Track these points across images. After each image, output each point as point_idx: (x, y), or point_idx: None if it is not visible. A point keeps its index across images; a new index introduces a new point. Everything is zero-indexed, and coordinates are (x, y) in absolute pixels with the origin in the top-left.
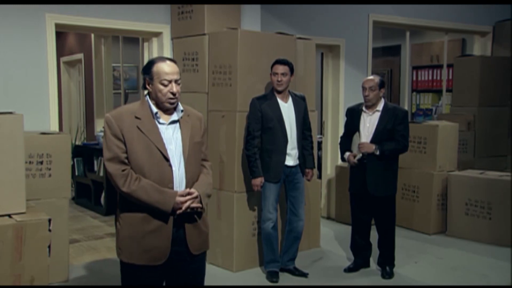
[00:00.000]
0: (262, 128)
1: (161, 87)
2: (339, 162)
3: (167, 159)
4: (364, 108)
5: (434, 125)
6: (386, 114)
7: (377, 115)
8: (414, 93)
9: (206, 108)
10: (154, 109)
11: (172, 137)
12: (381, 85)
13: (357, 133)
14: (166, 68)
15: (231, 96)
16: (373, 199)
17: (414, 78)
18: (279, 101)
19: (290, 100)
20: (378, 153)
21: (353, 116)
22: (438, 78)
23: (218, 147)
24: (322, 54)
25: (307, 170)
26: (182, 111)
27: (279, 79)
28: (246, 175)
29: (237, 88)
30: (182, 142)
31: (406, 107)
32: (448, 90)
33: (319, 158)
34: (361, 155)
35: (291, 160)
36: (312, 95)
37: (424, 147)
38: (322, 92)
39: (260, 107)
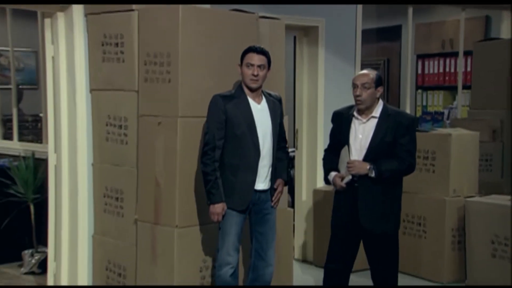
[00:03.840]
0: (226, 136)
1: None
2: (319, 184)
3: None
4: (355, 113)
5: (446, 134)
6: (385, 121)
7: (372, 123)
8: (420, 90)
9: (136, 112)
10: None
11: None
12: (378, 82)
13: (345, 147)
14: None
15: (170, 95)
16: (366, 237)
17: (420, 71)
18: (251, 101)
19: (263, 101)
20: (373, 175)
21: (341, 124)
22: (452, 70)
23: (153, 166)
24: (294, 38)
25: (277, 182)
26: None
27: (256, 73)
28: (197, 201)
29: (179, 84)
30: None
31: (408, 110)
32: (465, 87)
33: (291, 179)
34: (350, 177)
35: (261, 181)
36: (281, 95)
37: (433, 164)
38: (295, 90)
39: (224, 107)
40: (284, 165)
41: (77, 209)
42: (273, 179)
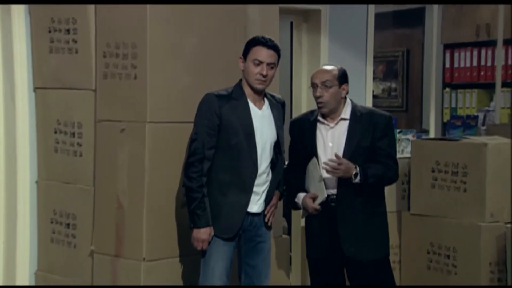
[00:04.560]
0: (218, 146)
1: None
2: None
3: None
4: (319, 118)
5: (481, 143)
6: (358, 123)
7: (343, 127)
8: (447, 89)
9: (93, 116)
10: None
11: None
12: (343, 78)
13: (313, 160)
14: None
15: (136, 95)
16: (351, 267)
17: (448, 65)
18: (251, 105)
19: (266, 105)
20: (358, 180)
21: (303, 133)
22: (489, 63)
23: (115, 184)
24: (291, 25)
25: (275, 193)
26: None
27: (265, 72)
28: (170, 227)
29: (147, 82)
30: None
31: (433, 112)
32: (505, 84)
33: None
34: (325, 196)
35: (254, 203)
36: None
37: (464, 181)
38: (292, 89)
39: (219, 109)
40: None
41: (16, 239)
42: (268, 200)
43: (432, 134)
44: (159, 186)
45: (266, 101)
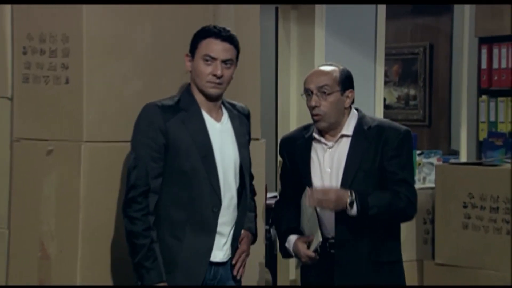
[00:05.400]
0: (167, 173)
1: None
2: None
3: None
4: (315, 135)
5: None
6: (362, 139)
7: (344, 147)
8: (484, 97)
9: (9, 133)
10: None
11: None
12: (346, 82)
13: (307, 191)
14: None
15: (68, 106)
16: None
17: (485, 65)
18: (206, 117)
19: (225, 116)
20: (354, 211)
21: (294, 155)
22: None
23: (38, 224)
24: (276, 12)
25: (241, 234)
26: None
27: (219, 72)
28: (115, 280)
29: (84, 87)
30: None
31: (464, 128)
32: None
33: (271, 244)
34: (320, 239)
35: (219, 248)
36: (256, 104)
37: (507, 221)
38: (277, 94)
39: (165, 125)
40: (251, 215)
41: None
42: (236, 245)
43: (463, 157)
44: (99, 227)
45: (225, 111)
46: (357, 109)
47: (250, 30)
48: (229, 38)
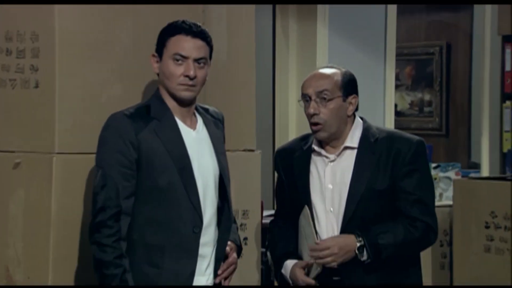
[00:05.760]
0: (140, 191)
1: None
2: None
3: None
4: (315, 147)
5: None
6: (370, 153)
7: (349, 160)
8: (509, 102)
9: None
10: None
11: None
12: (349, 87)
13: (305, 211)
14: None
15: (38, 113)
16: None
17: (509, 67)
18: (181, 124)
19: (200, 123)
20: (366, 257)
21: (291, 169)
22: None
23: (4, 246)
24: (273, 8)
25: (227, 247)
26: None
27: (193, 73)
28: None
29: (56, 92)
30: None
31: (486, 137)
32: None
33: (267, 269)
34: (320, 269)
35: (202, 273)
36: (251, 110)
37: None
38: (275, 101)
39: (136, 137)
40: (234, 225)
41: None
42: (219, 266)
43: (485, 171)
44: (72, 250)
45: (199, 117)
46: (361, 118)
47: (244, 29)
48: (201, 34)
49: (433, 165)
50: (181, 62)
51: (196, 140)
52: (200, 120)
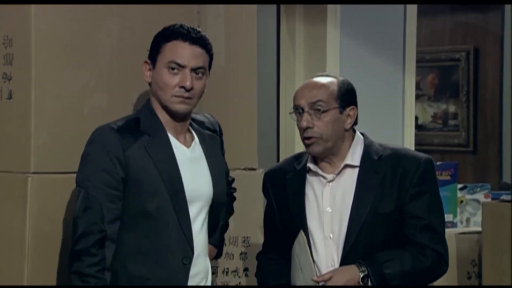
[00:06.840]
0: (125, 215)
1: None
2: None
3: None
4: (311, 166)
5: None
6: (373, 173)
7: (348, 179)
8: None
9: None
10: None
11: None
12: (347, 97)
13: (300, 237)
14: None
15: (11, 128)
16: None
17: None
18: (173, 141)
19: (195, 140)
20: (370, 284)
21: (285, 192)
22: None
23: None
24: (278, 8)
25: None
26: None
27: (189, 84)
28: None
29: (32, 104)
30: None
31: None
32: None
33: None
34: None
35: None
36: (252, 124)
37: None
38: (279, 111)
39: (123, 154)
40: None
41: None
42: None
43: None
44: (49, 282)
45: (194, 133)
46: (362, 134)
47: (244, 31)
48: (200, 41)
49: (459, 186)
50: (177, 71)
51: (190, 159)
52: (195, 137)
